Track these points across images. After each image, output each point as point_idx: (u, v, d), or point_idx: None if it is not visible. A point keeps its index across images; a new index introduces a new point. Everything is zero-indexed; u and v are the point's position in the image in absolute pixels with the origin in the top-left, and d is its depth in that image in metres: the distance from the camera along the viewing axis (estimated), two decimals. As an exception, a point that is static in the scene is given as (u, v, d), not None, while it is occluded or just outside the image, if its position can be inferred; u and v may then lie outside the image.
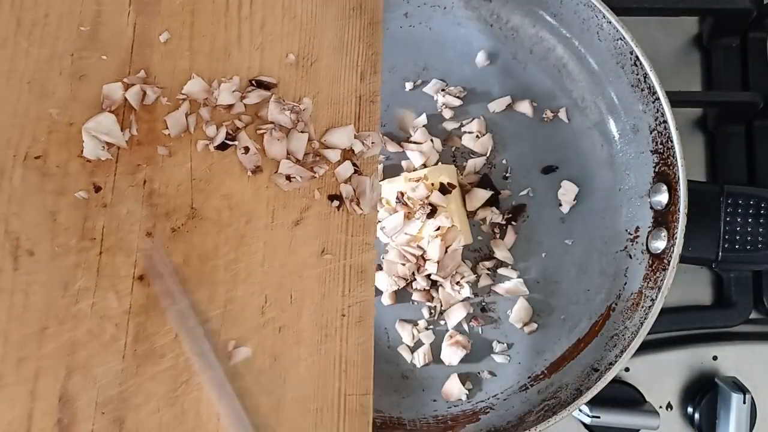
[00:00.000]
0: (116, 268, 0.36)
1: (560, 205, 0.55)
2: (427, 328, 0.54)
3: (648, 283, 0.50)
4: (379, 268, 0.55)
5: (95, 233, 0.36)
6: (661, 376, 0.57)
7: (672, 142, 0.49)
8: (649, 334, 0.47)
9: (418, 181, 0.52)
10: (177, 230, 0.38)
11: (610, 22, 0.51)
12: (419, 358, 0.53)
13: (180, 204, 0.38)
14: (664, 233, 0.49)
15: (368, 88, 0.45)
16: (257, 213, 0.40)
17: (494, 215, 0.54)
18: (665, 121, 0.49)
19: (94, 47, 0.38)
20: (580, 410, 0.54)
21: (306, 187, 0.41)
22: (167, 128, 0.38)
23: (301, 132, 0.41)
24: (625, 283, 0.52)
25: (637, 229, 0.53)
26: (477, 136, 0.56)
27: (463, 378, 0.53)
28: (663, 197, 0.50)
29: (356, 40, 0.46)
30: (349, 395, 0.39)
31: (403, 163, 0.56)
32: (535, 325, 0.54)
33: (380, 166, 0.56)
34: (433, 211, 0.52)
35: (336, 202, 0.41)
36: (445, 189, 0.52)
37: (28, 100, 0.36)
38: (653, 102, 0.50)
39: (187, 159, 0.39)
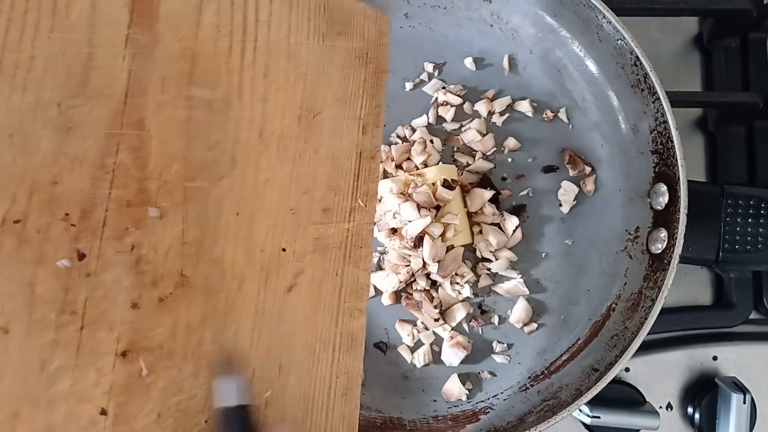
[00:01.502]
0: (98, 344, 0.32)
1: (560, 205, 0.55)
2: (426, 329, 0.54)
3: (648, 283, 0.50)
4: (380, 268, 0.55)
5: (77, 306, 0.32)
6: (661, 377, 0.57)
7: (672, 142, 0.49)
8: (649, 334, 0.47)
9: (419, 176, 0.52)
10: (164, 300, 0.34)
11: (610, 23, 0.51)
12: (419, 359, 0.53)
13: (169, 270, 0.34)
14: (664, 233, 0.49)
15: (370, 143, 0.43)
16: (250, 278, 0.37)
17: (496, 215, 0.54)
18: (665, 122, 0.49)
19: (85, 95, 0.33)
20: (580, 410, 0.54)
21: (301, 251, 0.39)
22: (159, 188, 0.34)
23: None
24: (625, 284, 0.52)
25: (637, 230, 0.53)
26: (477, 136, 0.56)
27: (464, 378, 0.53)
28: (663, 197, 0.50)
29: (360, 91, 0.43)
30: None
31: (404, 164, 0.56)
32: (535, 326, 0.54)
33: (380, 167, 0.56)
34: (438, 209, 0.52)
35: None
36: (449, 185, 0.52)
37: (8, 156, 0.31)
38: (653, 102, 0.51)
39: (179, 221, 0.35)
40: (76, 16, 0.33)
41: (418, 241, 0.51)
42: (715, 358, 0.57)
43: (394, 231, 0.52)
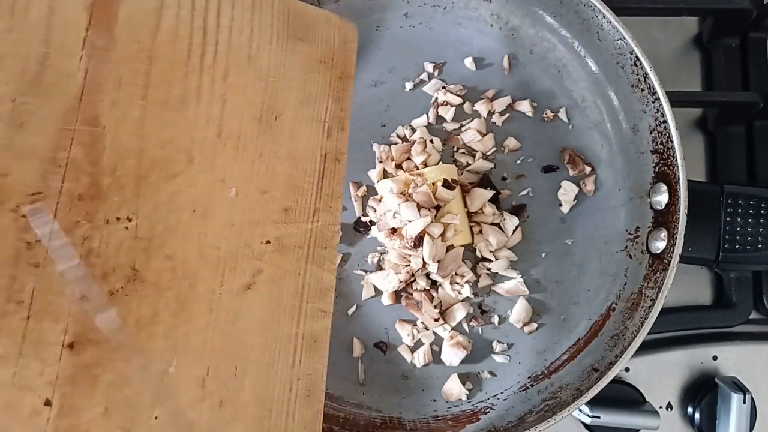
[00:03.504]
0: (43, 335, 0.31)
1: (560, 205, 0.55)
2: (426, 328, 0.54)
3: (648, 283, 0.50)
4: (380, 268, 0.55)
5: (23, 296, 0.31)
6: (661, 376, 0.57)
7: (672, 142, 0.49)
8: (649, 334, 0.47)
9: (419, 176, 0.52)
10: (114, 293, 0.34)
11: (610, 22, 0.51)
12: (419, 358, 0.53)
13: (119, 264, 0.34)
14: (664, 233, 0.49)
15: (334, 146, 0.43)
16: (203, 276, 0.36)
17: (496, 215, 0.54)
18: (665, 121, 0.49)
19: (38, 92, 0.33)
20: (580, 410, 0.54)
21: (260, 250, 0.38)
22: (112, 183, 0.34)
23: None
24: (625, 283, 0.52)
25: (637, 229, 0.53)
26: (477, 136, 0.56)
27: (463, 378, 0.53)
28: (663, 197, 0.50)
29: (324, 95, 0.43)
30: None
31: (404, 164, 0.56)
32: (535, 325, 0.54)
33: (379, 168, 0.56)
34: (438, 209, 0.52)
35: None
36: (449, 184, 0.52)
37: None
38: (653, 102, 0.51)
39: (131, 216, 0.35)
40: (35, 18, 0.33)
41: (418, 241, 0.51)
42: (715, 357, 0.57)
43: (394, 231, 0.52)
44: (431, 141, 0.56)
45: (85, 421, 0.32)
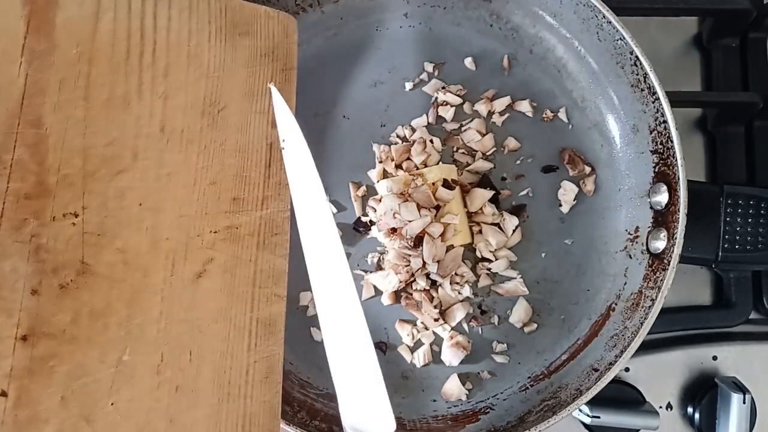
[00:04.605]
0: None
1: (560, 205, 0.55)
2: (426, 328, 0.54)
3: (648, 283, 0.50)
4: (380, 268, 0.55)
5: None
6: (661, 376, 0.57)
7: (672, 142, 0.49)
8: (649, 334, 0.47)
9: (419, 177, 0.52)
10: (65, 287, 0.35)
11: (610, 22, 0.51)
12: (419, 358, 0.53)
13: (69, 259, 0.35)
14: (663, 233, 0.49)
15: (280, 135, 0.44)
16: (155, 266, 0.38)
17: (496, 215, 0.54)
18: (665, 121, 0.49)
19: None
20: (580, 410, 0.54)
21: (210, 239, 0.40)
22: (58, 181, 0.36)
23: None
24: (625, 283, 0.52)
25: (637, 229, 0.53)
26: (477, 136, 0.56)
27: (463, 378, 0.53)
28: (663, 197, 0.50)
29: (267, 87, 0.45)
30: None
31: (404, 164, 0.56)
32: (535, 325, 0.54)
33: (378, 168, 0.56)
34: (438, 208, 0.52)
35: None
36: (448, 184, 0.52)
37: None
38: (653, 102, 0.51)
39: (79, 212, 0.36)
40: None
41: (418, 241, 0.51)
42: (714, 357, 0.57)
43: (393, 231, 0.52)
44: (431, 141, 0.56)
45: (43, 410, 0.33)
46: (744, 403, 0.53)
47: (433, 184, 0.52)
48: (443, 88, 0.57)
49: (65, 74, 0.37)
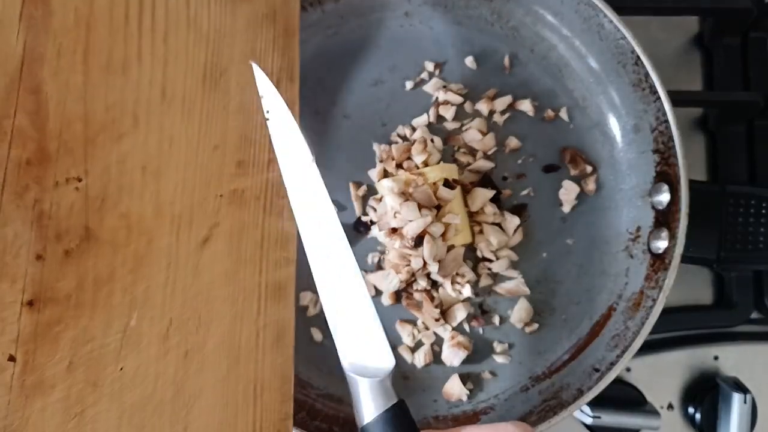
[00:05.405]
0: (1, 295, 0.32)
1: (561, 204, 0.55)
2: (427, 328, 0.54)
3: (649, 283, 0.50)
4: (380, 267, 0.55)
5: None
6: (662, 376, 0.57)
7: (673, 141, 0.49)
8: (650, 334, 0.47)
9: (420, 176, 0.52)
10: (70, 252, 0.34)
11: (611, 22, 0.51)
12: (420, 359, 0.53)
13: (73, 225, 0.35)
14: (665, 233, 0.49)
15: (285, 96, 0.44)
16: (160, 232, 0.37)
17: (497, 215, 0.54)
18: (666, 121, 0.49)
19: None
20: (581, 410, 0.54)
21: (216, 203, 0.39)
22: (59, 147, 0.35)
23: None
24: (627, 283, 0.52)
25: (638, 229, 0.53)
26: (478, 136, 0.56)
27: (464, 378, 0.53)
28: (664, 197, 0.50)
29: (269, 49, 0.44)
30: (264, 424, 0.37)
31: (405, 163, 0.55)
32: (536, 326, 0.53)
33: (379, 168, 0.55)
34: (438, 208, 0.52)
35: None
36: (449, 184, 0.52)
37: None
38: (654, 101, 0.50)
39: (81, 177, 0.36)
40: None
41: (419, 241, 0.51)
42: (716, 357, 0.57)
43: (394, 230, 0.52)
44: (432, 140, 0.56)
45: (50, 376, 0.33)
46: (745, 403, 0.53)
47: (434, 183, 0.52)
48: (444, 87, 0.57)
49: (63, 40, 0.36)
